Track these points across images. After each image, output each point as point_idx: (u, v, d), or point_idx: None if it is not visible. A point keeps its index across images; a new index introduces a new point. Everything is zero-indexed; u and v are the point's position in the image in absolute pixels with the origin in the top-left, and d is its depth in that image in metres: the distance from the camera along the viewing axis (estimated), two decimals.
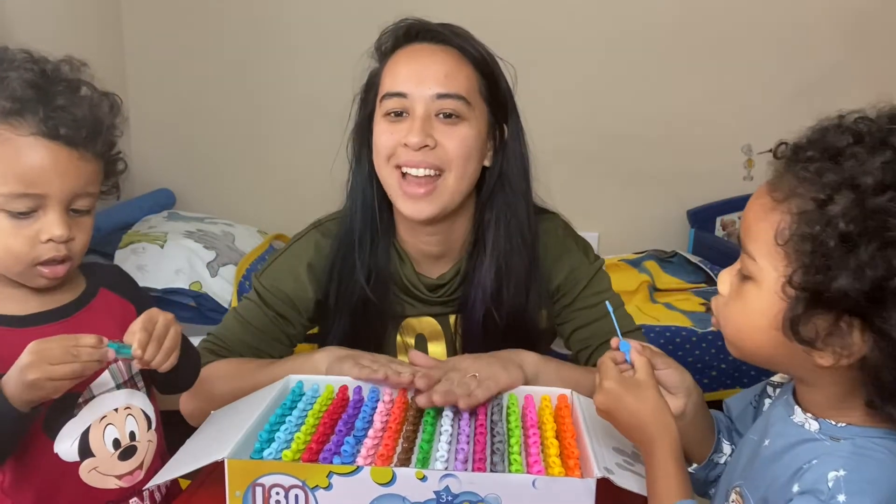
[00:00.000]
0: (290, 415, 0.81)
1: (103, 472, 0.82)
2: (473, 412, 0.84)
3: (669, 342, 1.96)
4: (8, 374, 0.72)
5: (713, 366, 1.94)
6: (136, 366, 0.83)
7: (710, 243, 2.44)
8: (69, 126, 0.76)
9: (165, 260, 1.97)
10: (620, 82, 2.46)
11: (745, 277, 0.68)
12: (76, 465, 0.81)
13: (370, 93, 1.05)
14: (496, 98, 1.03)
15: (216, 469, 0.71)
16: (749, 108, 2.41)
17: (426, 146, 0.97)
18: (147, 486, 0.81)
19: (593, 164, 2.54)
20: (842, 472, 0.61)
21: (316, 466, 0.68)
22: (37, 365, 0.70)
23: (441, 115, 0.98)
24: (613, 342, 0.78)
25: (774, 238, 0.63)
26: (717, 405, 0.93)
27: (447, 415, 0.81)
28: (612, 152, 2.52)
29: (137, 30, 2.46)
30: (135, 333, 0.77)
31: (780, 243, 0.63)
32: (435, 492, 0.67)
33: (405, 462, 0.72)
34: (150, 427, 0.87)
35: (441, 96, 0.97)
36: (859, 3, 2.35)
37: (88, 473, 0.81)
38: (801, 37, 2.38)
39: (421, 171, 0.98)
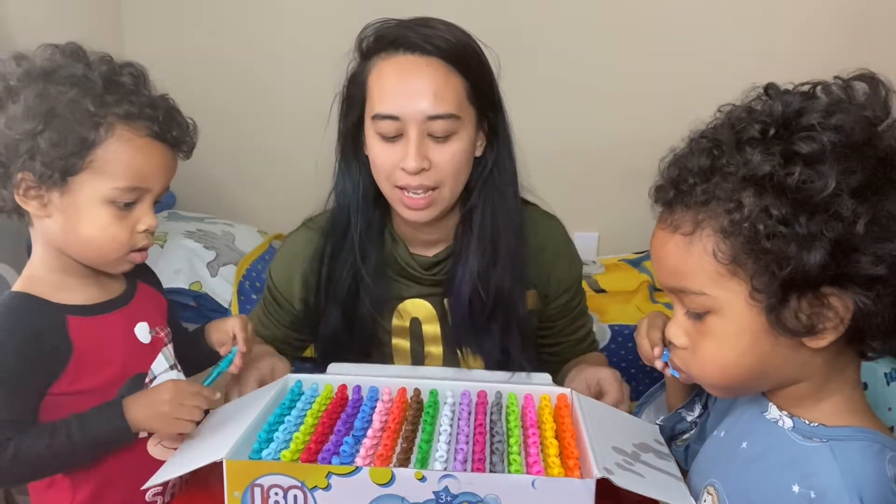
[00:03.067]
0: (289, 414, 0.81)
1: (166, 446, 0.90)
2: (471, 411, 0.84)
3: None
4: (135, 402, 0.84)
5: None
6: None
7: None
8: (175, 130, 0.89)
9: (165, 260, 1.97)
10: (620, 82, 2.45)
11: (699, 316, 0.69)
12: (144, 439, 0.90)
13: (356, 94, 1.05)
14: (482, 95, 1.04)
15: (216, 468, 0.71)
16: None
17: (423, 169, 0.99)
18: (146, 486, 0.81)
19: (593, 164, 2.53)
20: None
21: (315, 467, 0.68)
22: (174, 404, 0.83)
23: (435, 135, 0.99)
24: (659, 365, 0.83)
25: (715, 262, 0.64)
26: None
27: (446, 414, 0.81)
28: (612, 152, 2.51)
29: (137, 30, 2.46)
30: (237, 334, 0.96)
31: (726, 262, 0.64)
32: (434, 492, 0.67)
33: (404, 462, 0.72)
34: None
35: (432, 118, 0.98)
36: (859, 3, 2.35)
37: (154, 447, 0.90)
38: (801, 37, 2.37)
39: (420, 193, 1.01)
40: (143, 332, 0.93)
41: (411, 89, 0.98)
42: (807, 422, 0.69)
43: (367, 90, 1.02)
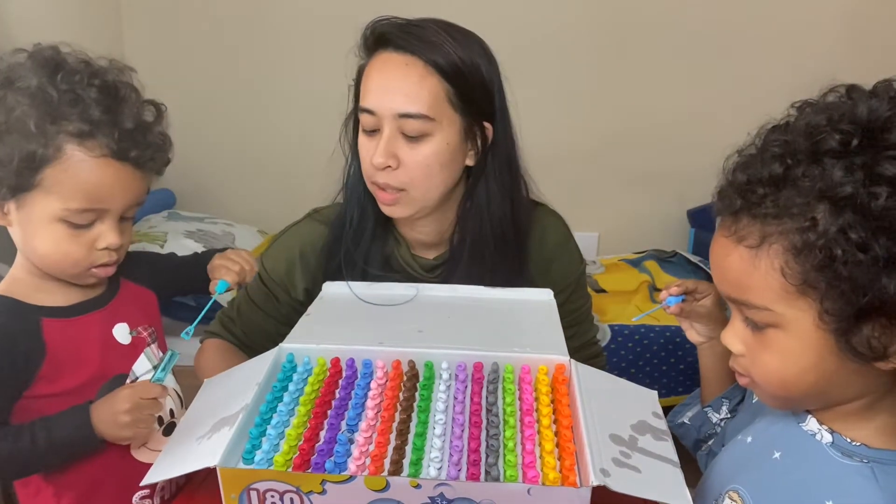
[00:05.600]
0: (282, 400, 0.80)
1: (152, 448, 0.89)
2: (466, 395, 0.82)
3: (669, 342, 1.96)
4: (97, 410, 0.80)
5: None
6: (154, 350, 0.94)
7: (710, 243, 2.42)
8: (139, 148, 0.83)
9: None
10: (620, 82, 2.45)
11: (760, 328, 0.66)
12: (127, 444, 0.88)
13: (356, 88, 1.07)
14: (472, 102, 1.02)
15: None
16: (749, 108, 2.40)
17: (389, 167, 1.00)
18: (143, 483, 0.80)
19: (593, 164, 2.53)
20: None
21: (309, 476, 0.68)
22: (134, 414, 0.79)
23: (406, 134, 0.99)
24: (663, 295, 0.90)
25: (783, 280, 0.61)
26: None
27: (441, 399, 0.80)
28: (612, 152, 2.51)
29: (137, 30, 2.46)
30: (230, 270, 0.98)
31: (795, 283, 0.60)
32: (430, 497, 0.66)
33: (398, 460, 0.71)
34: (181, 405, 0.96)
35: (403, 116, 0.98)
36: (859, 3, 2.35)
37: (139, 449, 0.90)
38: (800, 37, 2.37)
39: (389, 191, 1.02)
40: (122, 333, 0.92)
41: (387, 86, 0.99)
42: (848, 439, 0.66)
43: (361, 84, 1.04)
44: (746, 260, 0.63)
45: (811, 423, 0.69)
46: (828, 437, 0.68)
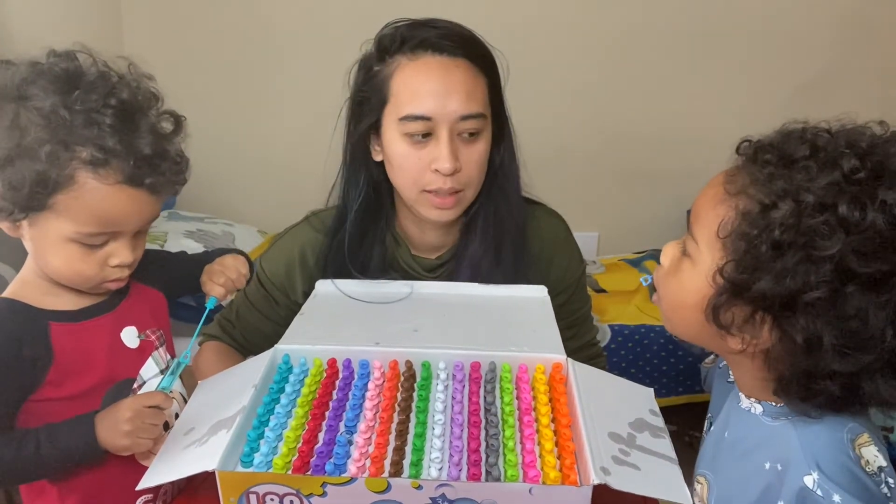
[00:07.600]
0: (279, 402, 0.80)
1: (156, 453, 0.85)
2: (465, 395, 0.82)
3: (669, 342, 1.96)
4: (101, 420, 0.80)
5: None
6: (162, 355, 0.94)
7: None
8: (155, 174, 0.81)
9: None
10: (621, 82, 2.45)
11: (685, 254, 0.74)
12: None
13: (373, 97, 1.02)
14: (497, 95, 1.05)
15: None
16: (749, 108, 2.40)
17: (456, 170, 0.99)
18: (139, 487, 0.80)
19: (593, 164, 2.53)
20: (815, 475, 0.66)
21: (309, 478, 0.68)
22: (135, 424, 0.79)
23: (464, 134, 0.99)
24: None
25: (717, 230, 0.68)
26: None
27: (439, 399, 0.80)
28: (612, 152, 2.52)
29: (136, 31, 2.46)
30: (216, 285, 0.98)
31: (721, 236, 0.68)
32: (431, 497, 0.66)
33: (398, 462, 0.71)
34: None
35: (465, 118, 0.98)
36: (857, 3, 2.35)
37: (146, 456, 0.86)
38: (799, 37, 2.37)
39: (447, 196, 1.01)
40: (130, 336, 0.91)
41: (444, 90, 0.97)
42: (773, 404, 0.74)
43: (389, 92, 1.00)
44: (716, 198, 0.70)
45: (744, 401, 0.78)
46: (759, 408, 0.76)
